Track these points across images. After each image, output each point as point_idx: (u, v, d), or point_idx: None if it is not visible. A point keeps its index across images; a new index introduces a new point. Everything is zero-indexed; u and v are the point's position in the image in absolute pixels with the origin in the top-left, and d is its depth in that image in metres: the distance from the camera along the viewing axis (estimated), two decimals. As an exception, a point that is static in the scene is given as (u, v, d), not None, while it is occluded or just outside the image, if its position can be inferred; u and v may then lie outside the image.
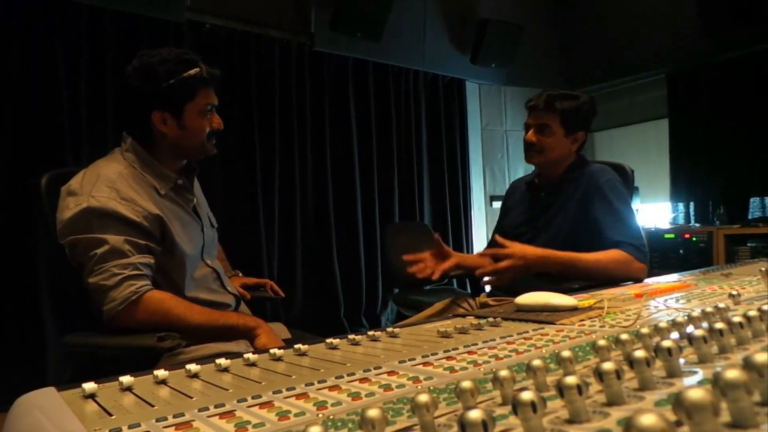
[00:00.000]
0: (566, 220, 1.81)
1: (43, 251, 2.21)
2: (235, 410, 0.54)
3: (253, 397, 0.58)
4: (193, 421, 0.52)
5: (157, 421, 0.53)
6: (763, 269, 0.96)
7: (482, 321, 0.97)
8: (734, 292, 0.94)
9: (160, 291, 1.28)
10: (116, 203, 1.26)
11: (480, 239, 5.20)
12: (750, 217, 4.60)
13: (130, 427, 0.51)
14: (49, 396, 0.65)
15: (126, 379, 0.67)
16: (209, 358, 0.77)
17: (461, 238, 5.09)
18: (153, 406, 0.59)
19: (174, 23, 3.53)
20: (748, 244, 4.10)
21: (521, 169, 5.33)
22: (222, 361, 0.74)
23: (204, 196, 1.66)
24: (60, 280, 1.41)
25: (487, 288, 1.92)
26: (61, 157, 3.06)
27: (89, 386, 0.64)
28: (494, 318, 0.99)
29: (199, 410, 0.55)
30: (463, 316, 1.12)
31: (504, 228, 2.02)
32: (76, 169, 1.38)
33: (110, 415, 0.56)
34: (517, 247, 1.63)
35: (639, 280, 1.60)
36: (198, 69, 1.36)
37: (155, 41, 3.42)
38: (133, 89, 1.37)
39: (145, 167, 1.37)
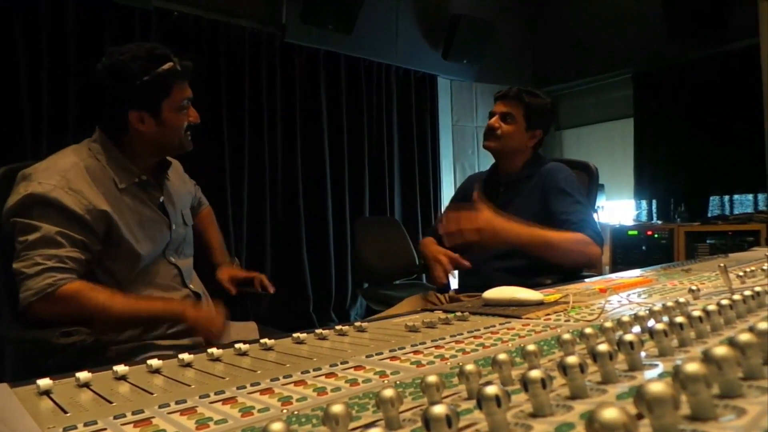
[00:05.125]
0: (528, 217, 1.85)
1: None
2: (196, 406, 0.53)
3: (216, 393, 0.57)
4: (153, 417, 0.51)
5: (115, 418, 0.51)
6: (722, 265, 0.99)
7: (450, 315, 0.97)
8: (694, 288, 0.96)
9: (81, 282, 1.24)
10: (61, 192, 1.23)
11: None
12: (709, 215, 4.76)
13: (85, 425, 0.50)
14: (1, 393, 0.62)
15: (83, 375, 0.65)
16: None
17: (431, 233, 5.10)
18: (111, 402, 0.57)
19: (140, 10, 3.43)
20: (708, 241, 4.23)
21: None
22: (185, 356, 0.73)
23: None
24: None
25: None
26: (20, 149, 2.94)
27: (44, 382, 0.62)
28: (462, 312, 0.99)
29: (160, 407, 0.53)
30: (432, 310, 1.12)
31: None
32: (34, 163, 1.34)
33: (65, 412, 0.55)
34: (487, 213, 1.60)
35: (593, 265, 1.69)
36: (171, 63, 1.33)
37: (121, 29, 3.33)
38: (107, 89, 1.33)
39: (109, 160, 1.35)
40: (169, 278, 1.43)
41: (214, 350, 0.75)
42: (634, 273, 1.53)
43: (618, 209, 5.51)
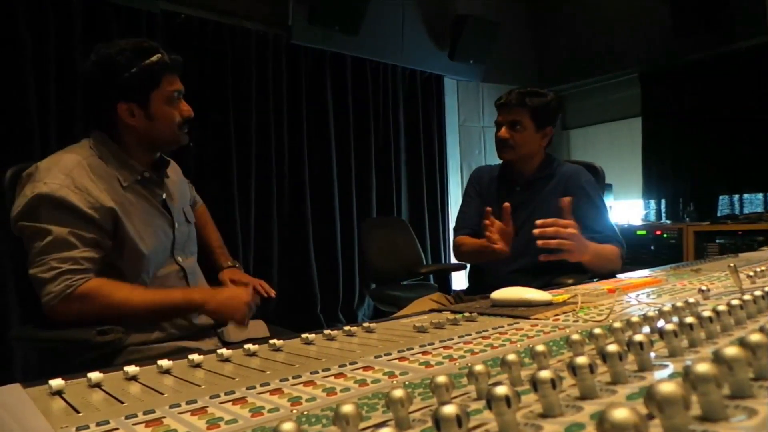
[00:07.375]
0: (548, 217, 1.83)
1: (7, 245, 2.15)
2: (207, 406, 0.53)
3: (226, 393, 0.57)
4: (164, 417, 0.51)
5: (127, 418, 0.51)
6: (731, 265, 0.98)
7: (458, 316, 0.97)
8: (703, 288, 0.95)
9: (99, 279, 1.24)
10: (68, 191, 1.23)
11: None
12: (719, 214, 4.72)
13: (98, 425, 0.50)
14: (14, 393, 0.63)
15: (94, 376, 0.65)
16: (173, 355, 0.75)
17: (438, 234, 5.10)
18: (122, 402, 0.57)
19: (147, 13, 3.45)
20: (717, 241, 4.20)
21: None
22: (195, 357, 0.73)
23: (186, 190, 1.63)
24: (25, 273, 1.37)
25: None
26: (28, 150, 2.96)
27: (56, 383, 0.63)
28: (470, 313, 0.99)
29: (171, 407, 0.54)
30: (440, 311, 1.12)
31: (479, 219, 2.03)
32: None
33: (78, 412, 0.55)
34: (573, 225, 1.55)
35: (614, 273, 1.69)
36: (159, 55, 1.33)
37: (127, 31, 3.34)
38: (94, 83, 1.33)
39: (111, 157, 1.34)
40: (173, 279, 1.43)
41: (223, 351, 0.76)
42: (643, 273, 1.53)
43: (626, 209, 5.49)
